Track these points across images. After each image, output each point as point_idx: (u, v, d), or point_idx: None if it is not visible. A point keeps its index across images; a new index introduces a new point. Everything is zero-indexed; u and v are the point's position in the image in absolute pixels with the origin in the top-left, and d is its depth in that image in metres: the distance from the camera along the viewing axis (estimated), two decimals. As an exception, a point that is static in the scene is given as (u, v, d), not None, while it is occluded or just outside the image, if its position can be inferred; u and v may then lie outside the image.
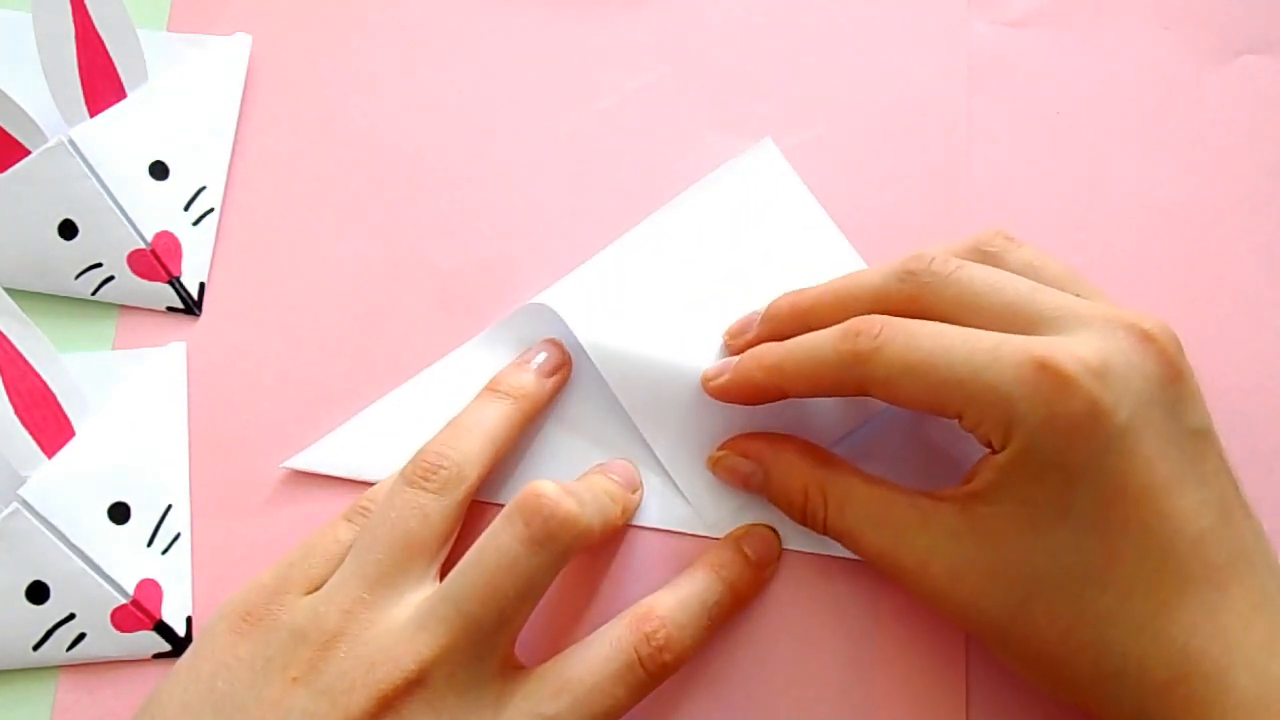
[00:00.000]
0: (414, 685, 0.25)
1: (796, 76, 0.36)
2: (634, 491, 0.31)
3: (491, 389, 0.31)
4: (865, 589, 0.31)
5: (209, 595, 0.31)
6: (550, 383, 0.31)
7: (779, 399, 0.29)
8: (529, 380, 0.31)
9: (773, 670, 0.30)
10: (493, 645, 0.25)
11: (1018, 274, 0.27)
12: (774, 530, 0.31)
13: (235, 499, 0.32)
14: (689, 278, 0.33)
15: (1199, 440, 0.25)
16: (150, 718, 0.26)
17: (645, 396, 0.32)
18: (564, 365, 0.32)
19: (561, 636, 0.30)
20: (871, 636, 0.31)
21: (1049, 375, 0.24)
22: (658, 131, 0.35)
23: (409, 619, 0.25)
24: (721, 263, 0.34)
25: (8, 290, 0.30)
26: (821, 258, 0.34)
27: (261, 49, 0.36)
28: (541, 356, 0.32)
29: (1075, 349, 0.24)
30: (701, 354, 0.31)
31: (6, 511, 0.30)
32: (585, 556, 0.31)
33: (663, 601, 0.28)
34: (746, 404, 0.30)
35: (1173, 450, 0.25)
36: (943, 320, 0.26)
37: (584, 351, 0.32)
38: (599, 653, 0.26)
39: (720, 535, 0.31)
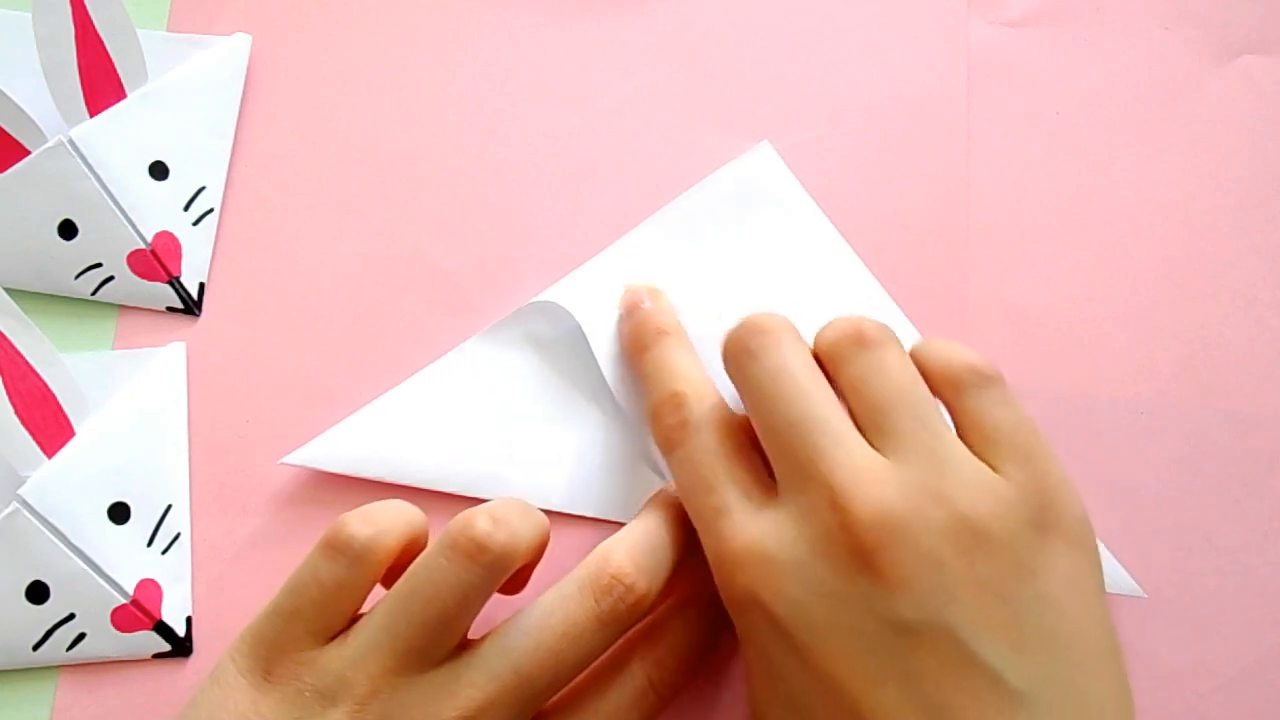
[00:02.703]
0: None
1: (796, 76, 0.36)
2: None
3: None
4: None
5: (209, 595, 0.31)
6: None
7: None
8: None
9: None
10: (536, 703, 0.25)
11: (856, 372, 0.26)
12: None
13: (235, 499, 0.32)
14: (686, 280, 0.33)
15: (905, 635, 0.23)
16: None
17: (640, 397, 0.32)
18: None
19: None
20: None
21: (725, 558, 0.25)
22: (658, 131, 0.36)
23: (450, 675, 0.25)
24: (719, 265, 0.34)
25: (8, 290, 0.30)
26: (819, 261, 0.34)
27: (261, 49, 0.36)
28: None
29: (757, 532, 0.25)
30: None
31: (6, 511, 0.30)
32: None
33: (669, 623, 0.28)
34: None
35: (861, 645, 0.23)
36: (766, 379, 0.26)
37: (588, 346, 0.32)
38: (611, 682, 0.27)
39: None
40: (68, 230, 0.33)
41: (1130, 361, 0.34)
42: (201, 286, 0.34)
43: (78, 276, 0.33)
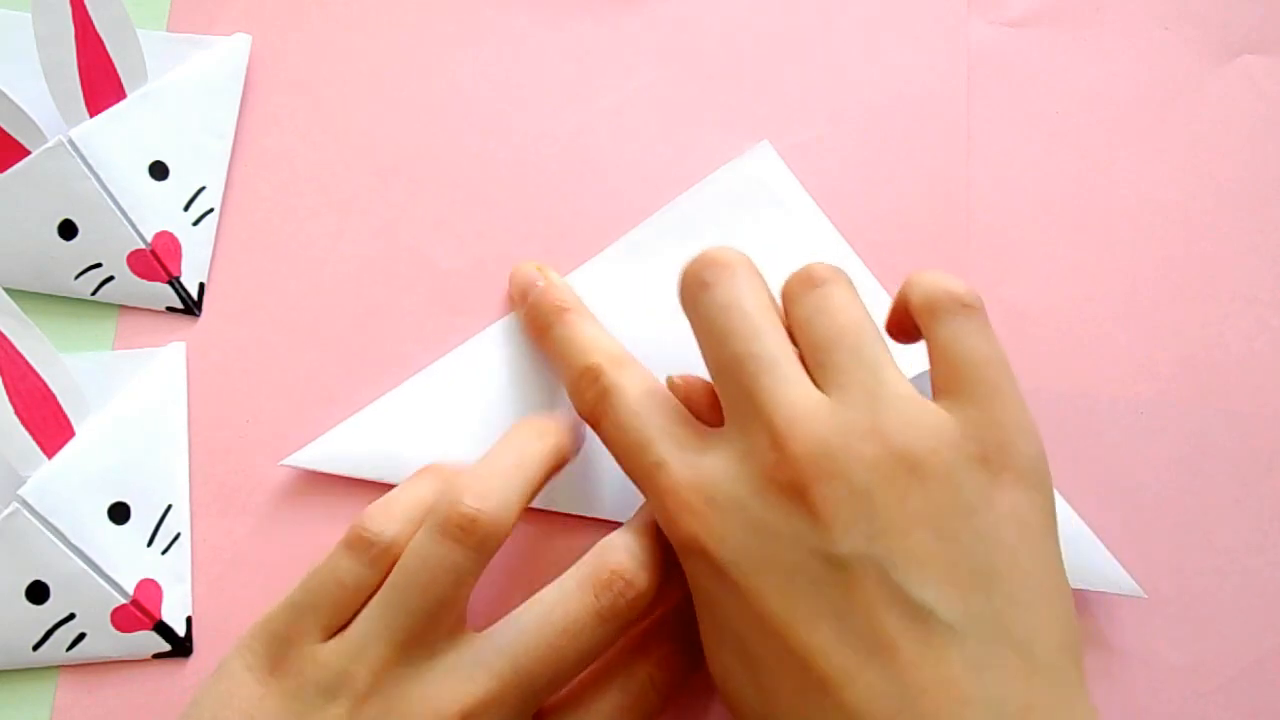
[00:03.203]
0: None
1: (796, 77, 0.36)
2: None
3: (530, 427, 0.29)
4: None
5: (209, 595, 0.31)
6: (582, 433, 0.30)
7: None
8: (563, 426, 0.29)
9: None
10: (537, 700, 0.25)
11: (802, 311, 0.26)
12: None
13: (235, 499, 0.32)
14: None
15: (838, 570, 0.23)
16: None
17: None
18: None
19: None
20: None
21: (668, 506, 0.25)
22: (658, 131, 0.35)
23: (450, 668, 0.25)
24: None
25: (8, 290, 0.30)
26: (818, 260, 0.34)
27: (261, 49, 0.36)
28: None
29: (696, 479, 0.25)
30: (697, 357, 0.31)
31: (6, 511, 0.30)
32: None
33: (669, 622, 0.28)
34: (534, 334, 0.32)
35: (796, 582, 0.23)
36: (717, 311, 0.26)
37: None
38: (612, 681, 0.27)
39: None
40: (68, 230, 0.33)
41: (1130, 361, 0.34)
42: (201, 286, 0.34)
43: (78, 276, 0.33)
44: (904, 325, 0.27)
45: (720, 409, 0.27)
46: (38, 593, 0.30)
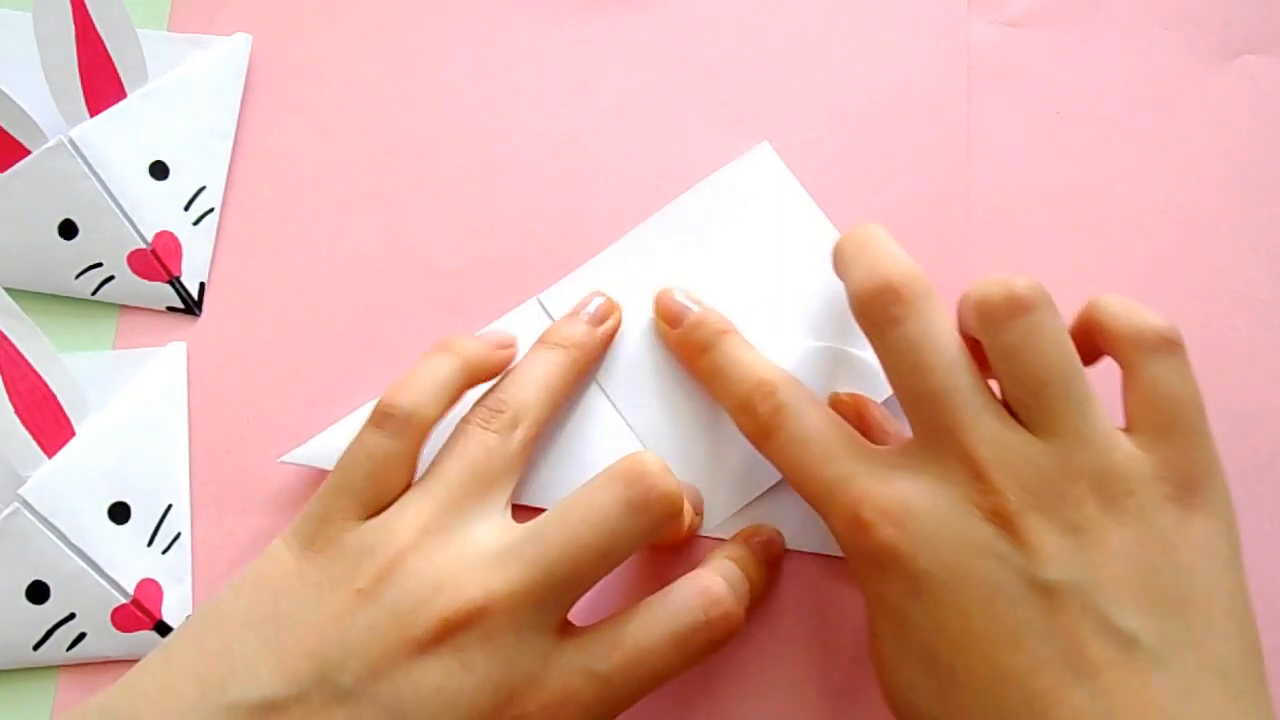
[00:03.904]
0: (474, 617, 0.24)
1: (796, 77, 0.36)
2: (696, 515, 0.31)
3: (544, 342, 0.31)
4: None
5: (209, 595, 0.31)
6: (601, 331, 0.32)
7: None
8: (580, 330, 0.31)
9: (773, 668, 0.30)
10: (559, 598, 0.25)
11: (1010, 340, 0.25)
12: (778, 531, 0.31)
13: (235, 499, 0.32)
14: (687, 280, 0.33)
15: (1044, 595, 0.23)
16: (208, 626, 0.26)
17: (646, 403, 0.32)
18: (614, 312, 0.32)
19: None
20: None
21: (862, 515, 0.25)
22: (658, 131, 0.36)
23: (482, 551, 0.26)
24: (719, 265, 0.34)
25: (8, 290, 0.30)
26: (819, 261, 0.34)
27: (261, 49, 0.36)
28: (592, 305, 0.32)
29: (892, 491, 0.25)
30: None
31: (6, 511, 0.30)
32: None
33: (718, 576, 0.27)
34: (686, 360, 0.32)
35: (1000, 598, 0.24)
36: (909, 347, 0.26)
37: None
38: (659, 615, 0.26)
39: (726, 536, 0.31)
40: (68, 230, 0.33)
41: (1130, 361, 0.34)
42: (202, 286, 0.34)
43: (78, 276, 0.33)
44: (1084, 349, 0.26)
45: (884, 430, 0.29)
46: (38, 593, 0.30)
